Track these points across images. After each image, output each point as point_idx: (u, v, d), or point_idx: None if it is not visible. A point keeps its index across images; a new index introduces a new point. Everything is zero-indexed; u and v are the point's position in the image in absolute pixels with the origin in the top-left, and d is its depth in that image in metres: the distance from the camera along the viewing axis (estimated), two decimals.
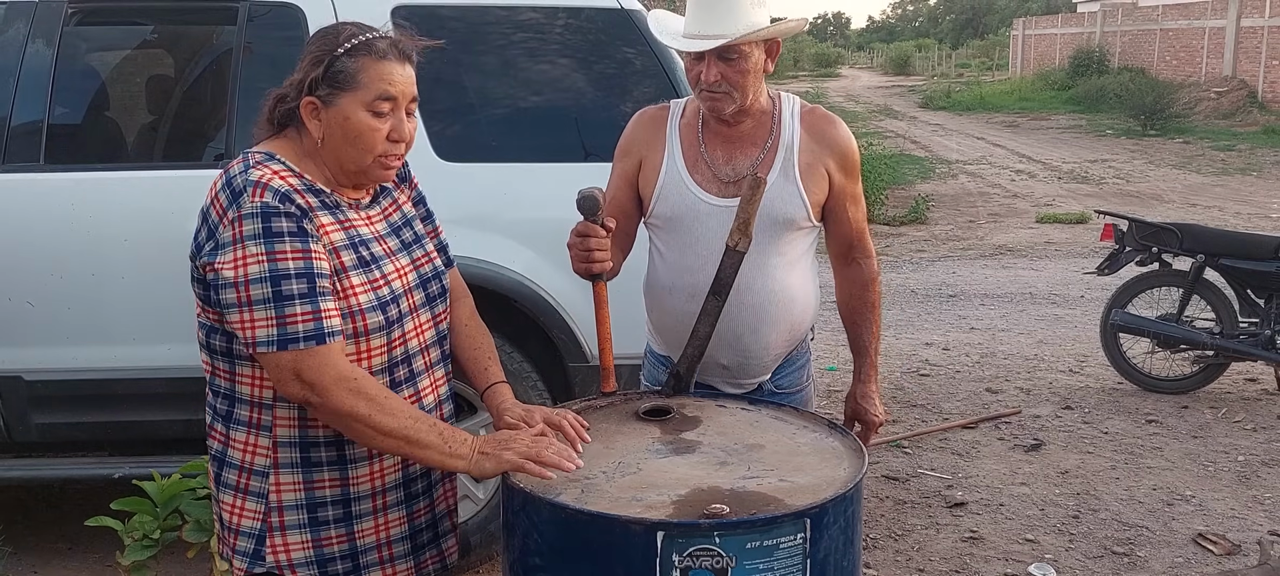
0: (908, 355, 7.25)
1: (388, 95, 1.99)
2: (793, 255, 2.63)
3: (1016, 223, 12.82)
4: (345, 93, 1.97)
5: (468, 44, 3.94)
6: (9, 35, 3.86)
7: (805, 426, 2.32)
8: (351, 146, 2.00)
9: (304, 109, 1.99)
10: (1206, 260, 6.21)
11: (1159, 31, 31.92)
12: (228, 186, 1.94)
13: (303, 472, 2.04)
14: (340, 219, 2.02)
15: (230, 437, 2.06)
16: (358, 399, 1.91)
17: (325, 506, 2.06)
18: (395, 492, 2.13)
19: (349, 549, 2.09)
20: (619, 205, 2.66)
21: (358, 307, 1.98)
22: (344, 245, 2.00)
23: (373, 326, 2.00)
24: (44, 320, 3.74)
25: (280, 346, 1.88)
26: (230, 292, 1.89)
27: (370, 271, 2.02)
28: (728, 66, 2.47)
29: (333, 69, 1.96)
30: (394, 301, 2.05)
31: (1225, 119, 24.85)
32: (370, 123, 1.98)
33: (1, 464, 3.89)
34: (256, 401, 2.02)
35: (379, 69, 1.98)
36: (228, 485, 2.07)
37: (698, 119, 2.64)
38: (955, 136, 23.81)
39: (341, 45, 1.97)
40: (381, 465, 2.10)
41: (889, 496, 4.86)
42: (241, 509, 2.06)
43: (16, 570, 4.04)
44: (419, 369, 2.13)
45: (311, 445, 2.03)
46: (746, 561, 1.79)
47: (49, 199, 3.79)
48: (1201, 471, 5.17)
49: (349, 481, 2.07)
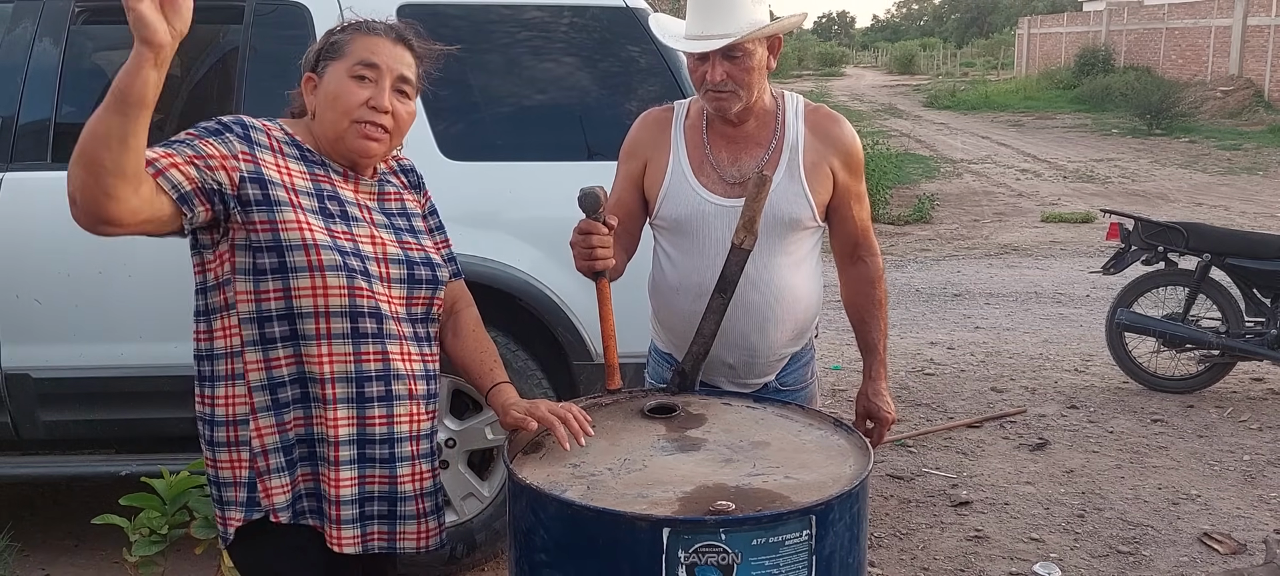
0: (912, 354, 7.25)
1: (370, 62, 2.11)
2: (799, 254, 2.63)
3: (1022, 222, 12.81)
4: (333, 61, 2.12)
5: (472, 42, 3.95)
6: (16, 34, 3.87)
7: (810, 424, 2.33)
8: (330, 109, 2.12)
9: (304, 85, 2.15)
10: (1212, 259, 6.20)
11: (1165, 30, 31.87)
12: None
13: (274, 415, 2.10)
14: (314, 172, 2.13)
15: (214, 397, 2.12)
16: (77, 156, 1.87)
17: (294, 446, 2.12)
18: (349, 448, 2.13)
19: (314, 488, 2.14)
20: (624, 206, 2.67)
21: (312, 241, 2.04)
22: (306, 192, 2.10)
23: (329, 263, 2.05)
24: (51, 318, 3.75)
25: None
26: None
27: (332, 222, 2.10)
28: (733, 65, 2.47)
29: (328, 44, 2.14)
30: (357, 255, 2.10)
31: (1231, 118, 24.81)
32: (350, 88, 2.10)
33: (9, 461, 3.90)
34: (229, 352, 2.09)
35: (366, 40, 2.13)
36: (221, 443, 2.12)
37: (702, 120, 2.64)
38: (960, 135, 23.79)
39: (341, 26, 2.16)
40: (335, 414, 2.11)
41: (894, 495, 4.86)
42: (237, 460, 2.12)
43: (24, 567, 4.05)
44: (390, 332, 2.15)
45: (278, 385, 2.10)
46: (752, 558, 1.80)
47: (56, 197, 3.77)
48: (1207, 471, 5.16)
49: (312, 420, 2.12)
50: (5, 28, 3.90)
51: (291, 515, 2.13)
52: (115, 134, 1.83)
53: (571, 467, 2.06)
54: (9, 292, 3.73)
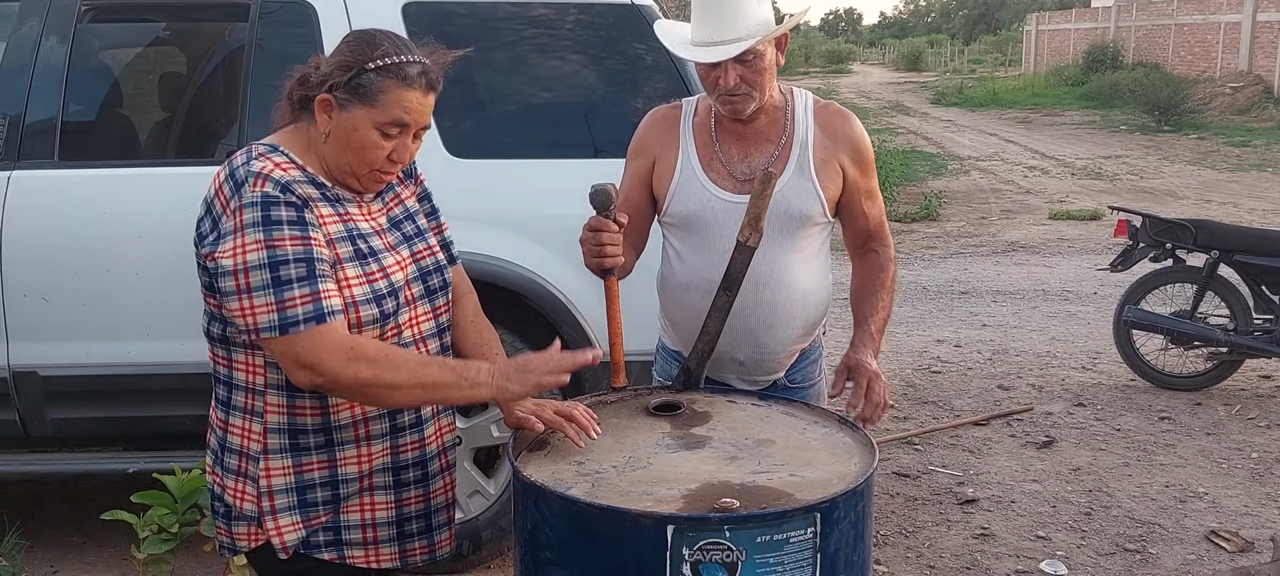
0: (919, 352, 7.24)
1: (400, 121, 2.02)
2: (809, 251, 2.63)
3: (1029, 219, 12.78)
4: (362, 105, 2.00)
5: (479, 40, 3.95)
6: (23, 33, 3.88)
7: (815, 421, 2.33)
8: (350, 152, 2.03)
9: (319, 103, 2.01)
10: (1221, 256, 6.18)
11: (1174, 26, 31.76)
12: (231, 177, 1.97)
13: (292, 457, 2.08)
14: (340, 212, 2.05)
15: (229, 423, 2.10)
16: (360, 365, 1.92)
17: (314, 488, 2.09)
18: (382, 476, 2.15)
19: (333, 524, 2.13)
20: (633, 204, 2.67)
21: (351, 300, 1.99)
22: (341, 237, 2.02)
23: (367, 319, 2.02)
24: (59, 316, 3.77)
25: (281, 331, 1.90)
26: (229, 281, 1.91)
27: (366, 264, 2.04)
28: (746, 68, 2.47)
29: (358, 80, 1.98)
30: (392, 294, 2.07)
31: (1240, 115, 24.72)
32: (376, 140, 2.01)
33: (18, 459, 3.92)
34: (250, 387, 2.06)
35: (401, 94, 2.00)
36: (230, 470, 2.11)
37: (711, 117, 2.64)
38: (967, 133, 23.74)
39: (375, 60, 1.99)
40: (369, 450, 2.12)
41: (900, 493, 4.86)
42: (243, 492, 2.10)
43: (33, 564, 4.07)
44: None
45: (299, 432, 2.07)
46: (757, 555, 1.80)
47: (63, 195, 3.81)
48: (1215, 468, 5.15)
49: (336, 463, 2.10)
50: (12, 26, 3.91)
51: (307, 549, 2.12)
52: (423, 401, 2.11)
53: (576, 465, 2.07)
54: (17, 291, 3.75)
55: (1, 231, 3.73)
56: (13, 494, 4.60)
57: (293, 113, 2.09)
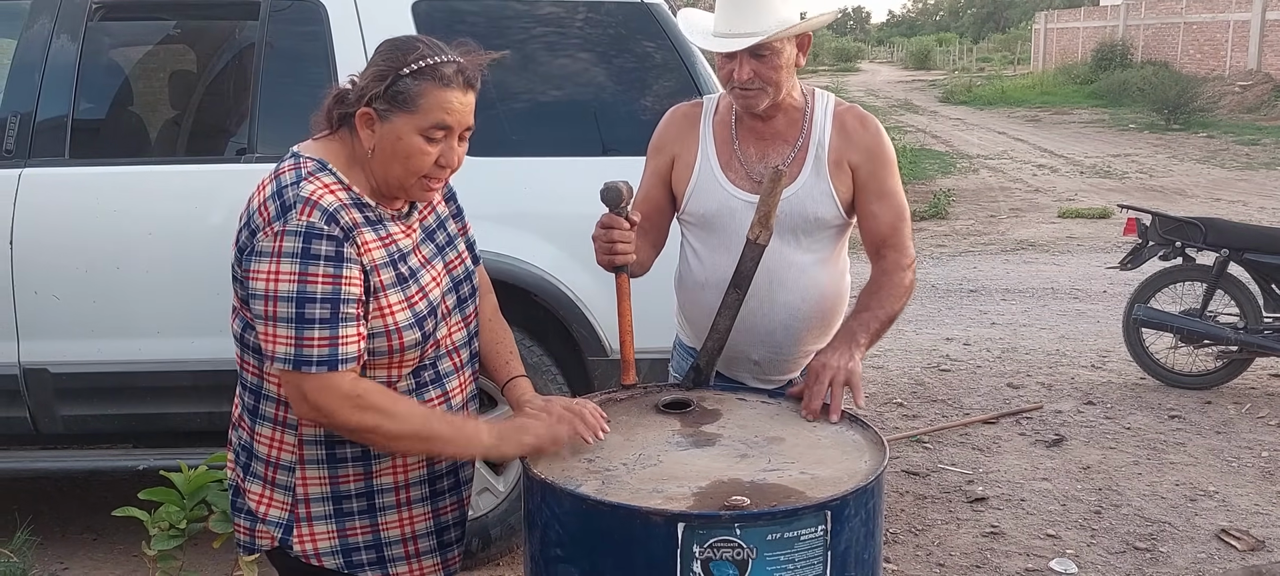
0: (928, 350, 7.23)
1: (444, 124, 1.98)
2: (824, 252, 2.63)
3: (1038, 218, 12.75)
4: (402, 112, 1.96)
5: (489, 38, 3.94)
6: (35, 31, 3.89)
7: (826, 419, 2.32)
8: (399, 164, 1.99)
9: (359, 118, 1.99)
10: (1230, 255, 6.16)
11: (1183, 25, 31.67)
12: (278, 196, 1.94)
13: (328, 468, 2.07)
14: (382, 235, 2.02)
15: (256, 432, 2.10)
16: (365, 413, 1.94)
17: (350, 498, 2.09)
18: (419, 488, 2.16)
19: (373, 540, 2.12)
20: (652, 202, 2.67)
21: (394, 326, 1.99)
22: (384, 263, 2.00)
23: (409, 343, 2.02)
24: (69, 313, 3.77)
25: (294, 366, 1.90)
26: (259, 304, 1.91)
27: (407, 288, 2.03)
28: (760, 63, 2.46)
29: (395, 88, 1.95)
30: (431, 314, 2.06)
31: (1250, 113, 24.65)
32: (421, 146, 1.98)
33: (28, 455, 3.93)
34: (282, 399, 2.04)
35: (440, 96, 1.97)
36: (256, 476, 2.11)
37: (731, 115, 2.64)
38: (976, 131, 23.70)
39: (409, 65, 1.96)
40: (405, 460, 2.12)
41: (909, 491, 4.85)
42: (269, 498, 2.10)
43: (43, 560, 4.08)
44: (447, 370, 2.15)
45: (336, 442, 2.06)
46: (767, 553, 1.80)
47: (74, 193, 3.82)
48: (1225, 467, 5.13)
49: (372, 475, 2.09)
50: (23, 24, 3.92)
51: (345, 564, 2.11)
52: (419, 452, 2.10)
53: (586, 462, 2.07)
54: (27, 288, 3.76)
55: (13, 229, 3.74)
56: (23, 490, 4.62)
57: (326, 128, 2.07)
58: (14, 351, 3.79)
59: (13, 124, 3.81)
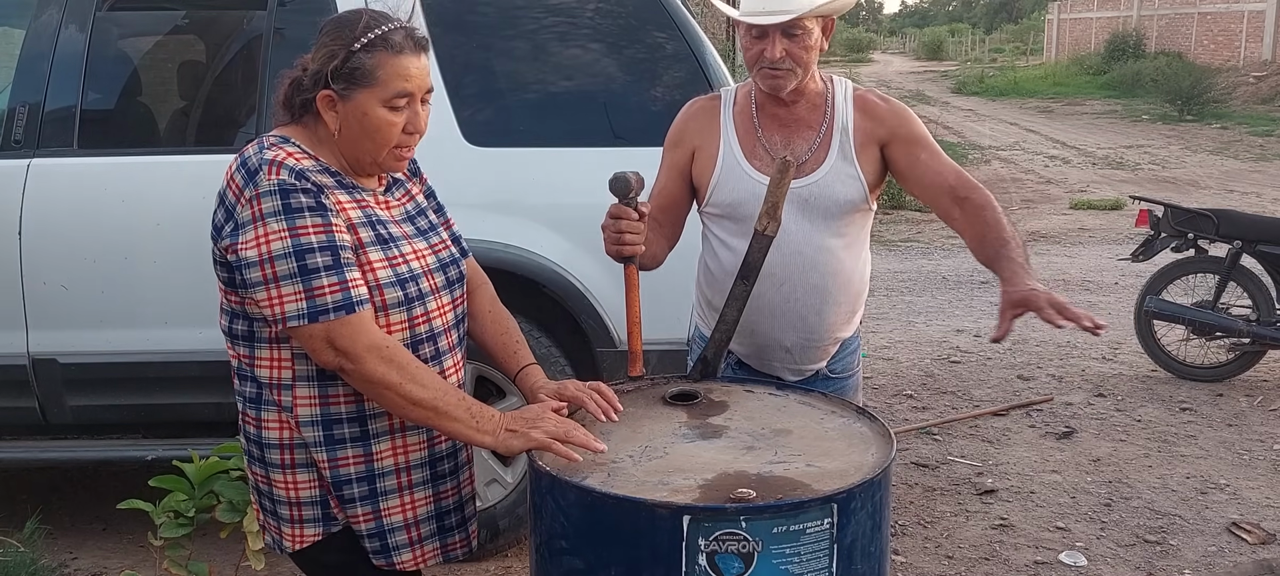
0: (939, 342, 7.21)
1: (405, 92, 2.00)
2: (851, 236, 2.64)
3: (1050, 209, 12.71)
4: (363, 88, 1.97)
5: (498, 27, 3.94)
6: (43, 21, 3.90)
7: (833, 411, 2.31)
8: (369, 139, 2.01)
9: (320, 101, 1.99)
10: (1243, 246, 6.13)
11: (1197, 15, 31.50)
12: (243, 167, 1.96)
13: (326, 451, 2.06)
14: (357, 198, 2.04)
15: (262, 419, 2.08)
16: (389, 367, 1.93)
17: (350, 484, 2.08)
18: (421, 471, 2.15)
19: (376, 527, 2.11)
20: (668, 195, 2.67)
21: (375, 283, 1.99)
22: (361, 222, 2.01)
23: (392, 301, 2.01)
24: (78, 304, 3.78)
25: (311, 319, 1.90)
26: (255, 271, 1.90)
27: (388, 249, 2.04)
28: (792, 43, 2.47)
29: (350, 65, 1.96)
30: (413, 279, 2.06)
31: (1264, 104, 24.50)
32: (387, 118, 2.00)
33: (36, 446, 3.94)
34: (275, 383, 2.05)
35: (396, 65, 1.98)
36: (274, 464, 2.09)
37: (751, 104, 2.64)
38: (988, 122, 23.63)
39: (358, 39, 1.96)
40: (404, 441, 2.12)
41: (918, 483, 4.84)
42: (295, 481, 2.09)
43: (53, 551, 4.09)
44: (444, 348, 2.14)
45: (334, 422, 2.05)
46: (773, 546, 1.79)
47: (82, 183, 3.83)
48: (1236, 460, 5.11)
49: (372, 457, 2.09)
50: (32, 14, 3.92)
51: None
52: (427, 423, 2.03)
53: (592, 454, 2.06)
54: (36, 278, 3.76)
55: (21, 219, 3.75)
56: (32, 480, 4.64)
57: (288, 117, 2.07)
58: (23, 342, 3.80)
59: (21, 114, 3.82)
